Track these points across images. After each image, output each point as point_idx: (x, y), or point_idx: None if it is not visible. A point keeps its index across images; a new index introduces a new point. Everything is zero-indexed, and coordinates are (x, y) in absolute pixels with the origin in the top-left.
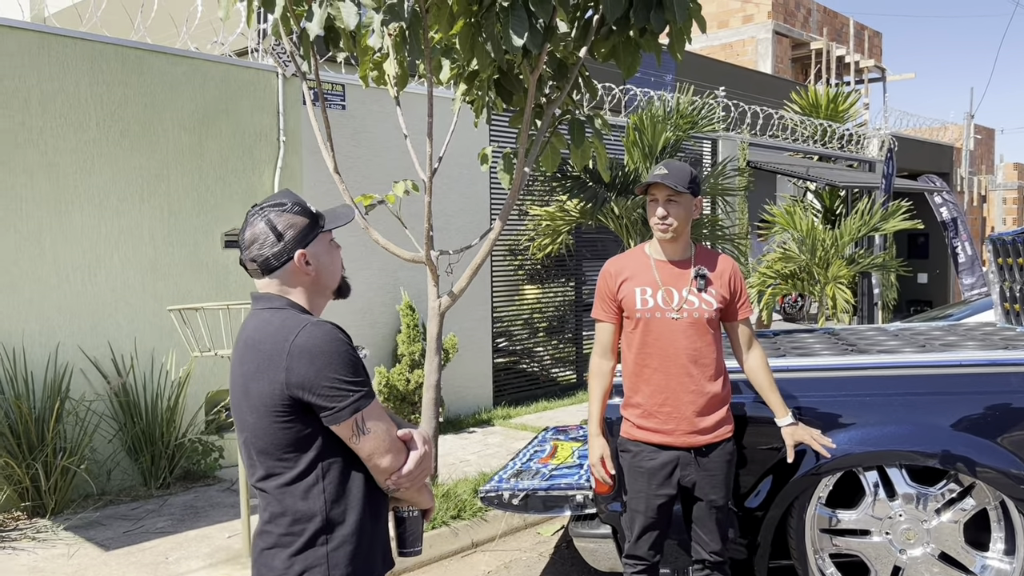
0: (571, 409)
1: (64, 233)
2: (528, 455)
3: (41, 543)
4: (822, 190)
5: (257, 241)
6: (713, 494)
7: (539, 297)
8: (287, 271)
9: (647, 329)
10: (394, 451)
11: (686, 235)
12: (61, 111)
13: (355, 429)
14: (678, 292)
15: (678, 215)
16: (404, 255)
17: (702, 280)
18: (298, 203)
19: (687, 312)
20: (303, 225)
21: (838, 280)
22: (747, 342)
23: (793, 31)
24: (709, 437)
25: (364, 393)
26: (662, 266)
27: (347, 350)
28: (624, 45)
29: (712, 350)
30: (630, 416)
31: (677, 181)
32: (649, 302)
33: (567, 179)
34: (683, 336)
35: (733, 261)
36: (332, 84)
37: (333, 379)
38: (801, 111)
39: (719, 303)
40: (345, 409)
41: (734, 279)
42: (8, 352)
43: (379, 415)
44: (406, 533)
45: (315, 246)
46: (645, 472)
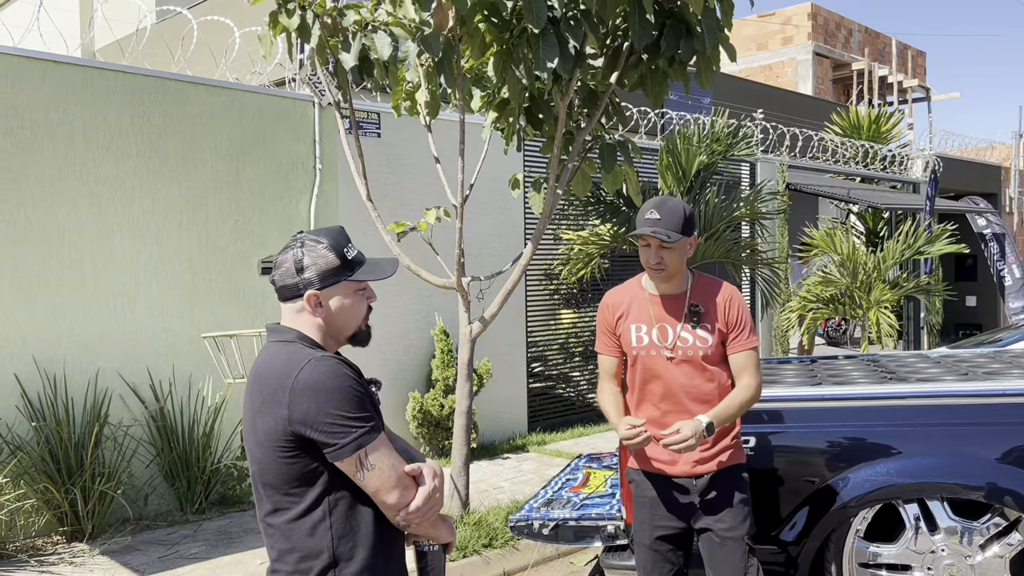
0: (607, 435)
1: (104, 261)
2: (560, 483)
3: (78, 568)
4: (864, 212)
5: (281, 268)
6: (722, 523)
7: (575, 321)
8: (299, 304)
9: (643, 367)
10: (401, 487)
11: (682, 271)
12: (103, 142)
13: (358, 465)
14: (672, 329)
15: (672, 261)
16: (436, 281)
17: (696, 317)
18: (335, 243)
19: (681, 351)
20: (328, 267)
21: (881, 304)
22: (738, 373)
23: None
24: (712, 465)
25: (368, 428)
26: (656, 301)
27: (351, 385)
28: (652, 74)
29: (712, 386)
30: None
31: (669, 228)
32: (644, 340)
33: (600, 204)
34: (680, 374)
35: (733, 290)
36: (367, 112)
37: (335, 415)
38: (842, 132)
39: (716, 338)
40: (348, 446)
41: (730, 310)
42: (49, 378)
43: (385, 450)
44: (427, 567)
45: (335, 291)
46: (648, 502)
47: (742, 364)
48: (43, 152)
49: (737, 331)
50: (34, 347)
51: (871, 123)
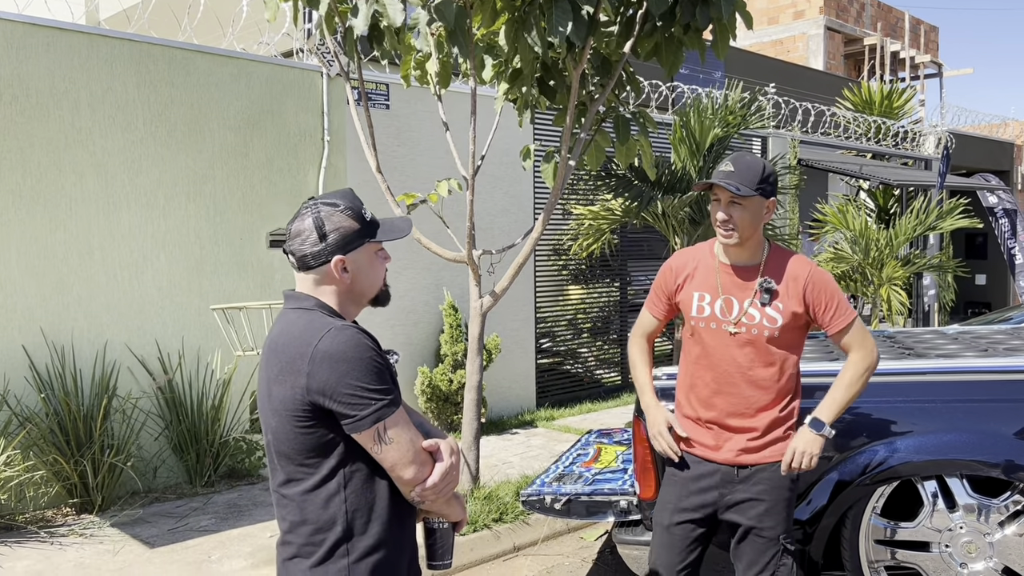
0: (615, 411)
1: (112, 232)
2: (571, 458)
3: (88, 539)
4: (876, 189)
5: (300, 236)
6: (760, 522)
7: (583, 297)
8: (322, 272)
9: (701, 340)
10: (418, 463)
11: (756, 238)
12: (109, 112)
13: (376, 439)
14: (739, 303)
15: (742, 220)
16: (446, 255)
17: (767, 294)
18: (353, 207)
19: (746, 327)
20: (351, 231)
21: (892, 281)
22: (847, 349)
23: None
24: (757, 456)
25: (387, 401)
26: (725, 271)
27: (371, 356)
28: (667, 42)
29: (774, 372)
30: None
31: (742, 182)
32: (705, 310)
33: (612, 177)
34: (739, 353)
35: (813, 266)
36: (376, 83)
37: (355, 386)
38: (854, 108)
39: (786, 319)
40: (367, 418)
41: (813, 289)
42: (57, 350)
43: (403, 424)
44: (436, 545)
45: (358, 254)
46: (679, 481)
47: (848, 340)
48: (49, 121)
49: (831, 311)
50: (42, 319)
51: (883, 99)
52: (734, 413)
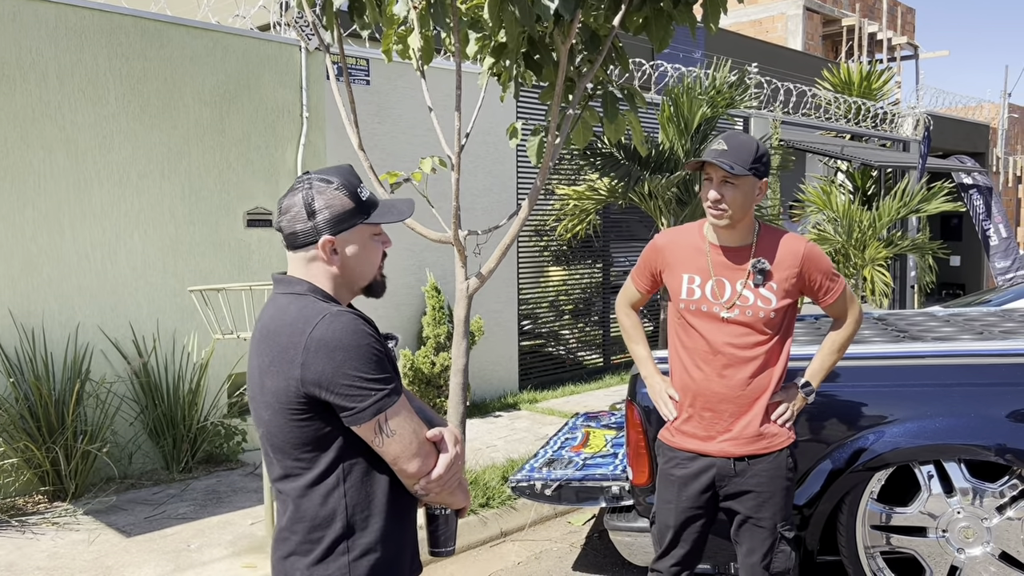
0: (598, 393)
1: (83, 211)
2: (559, 443)
3: (61, 528)
4: (855, 170)
5: (289, 212)
6: (757, 512)
7: (565, 279)
8: (311, 253)
9: (692, 324)
10: (422, 455)
11: (748, 220)
12: (79, 85)
13: (377, 431)
14: (731, 285)
15: (734, 200)
16: (431, 235)
17: (760, 275)
18: (348, 183)
19: (739, 309)
20: (343, 210)
21: (876, 262)
22: (838, 317)
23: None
24: (753, 447)
25: (388, 391)
26: (716, 252)
27: (370, 343)
28: (657, 16)
29: (768, 355)
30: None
31: (736, 161)
32: (696, 292)
33: (598, 156)
34: (731, 335)
35: (807, 243)
36: (356, 59)
37: (353, 376)
38: (833, 88)
39: (781, 299)
40: (367, 410)
41: (807, 266)
42: (27, 333)
43: (406, 415)
44: (438, 531)
45: (350, 235)
46: (676, 481)
47: (841, 307)
48: (15, 95)
49: (826, 285)
50: (10, 300)
51: (862, 80)
52: (728, 399)
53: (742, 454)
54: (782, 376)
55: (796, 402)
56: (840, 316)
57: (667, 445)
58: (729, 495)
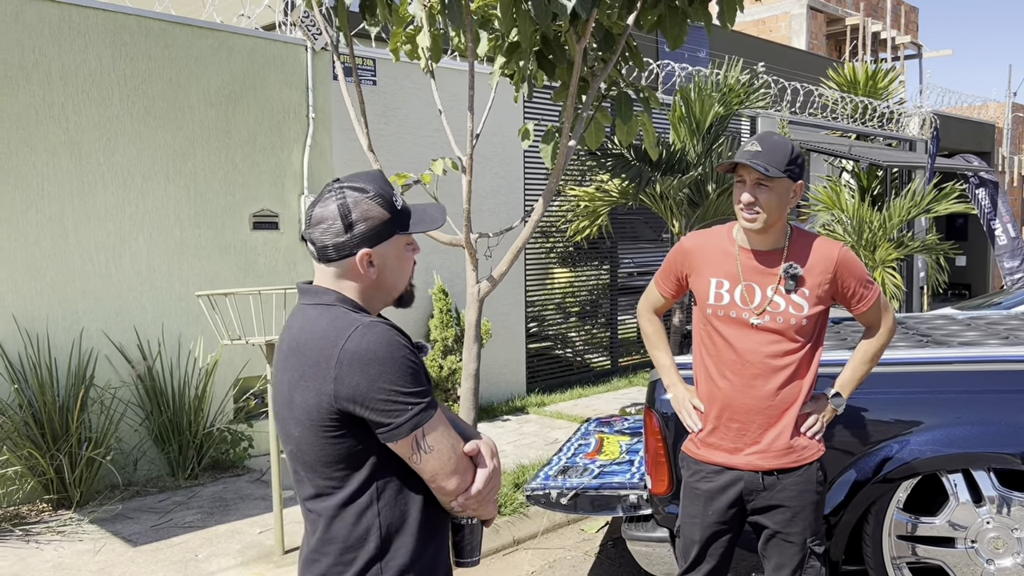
0: (606, 396)
1: (87, 213)
2: (572, 449)
3: (66, 537)
4: (862, 170)
5: (323, 224)
6: (786, 527)
7: (572, 281)
8: (345, 266)
9: (719, 330)
10: (460, 471)
11: (780, 223)
12: (83, 86)
13: (415, 447)
14: (761, 290)
15: (768, 203)
16: (441, 238)
17: (792, 281)
18: (383, 193)
19: (770, 316)
20: (380, 221)
21: (886, 264)
22: (870, 326)
23: (828, 6)
24: (783, 460)
25: (424, 405)
26: (747, 256)
27: (404, 355)
28: (672, 14)
29: (799, 364)
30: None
31: (770, 162)
32: (724, 298)
33: (609, 157)
34: (762, 344)
35: (841, 247)
36: (363, 59)
37: (389, 391)
38: (838, 88)
39: (813, 305)
40: (404, 425)
41: (841, 272)
42: (32, 338)
43: (443, 429)
44: (464, 542)
45: (386, 247)
46: (702, 495)
47: (874, 315)
48: (18, 96)
49: (859, 292)
50: (13, 305)
51: (868, 79)
52: (756, 411)
53: (771, 468)
54: (812, 386)
55: (825, 413)
56: (873, 324)
57: (692, 458)
58: (757, 509)
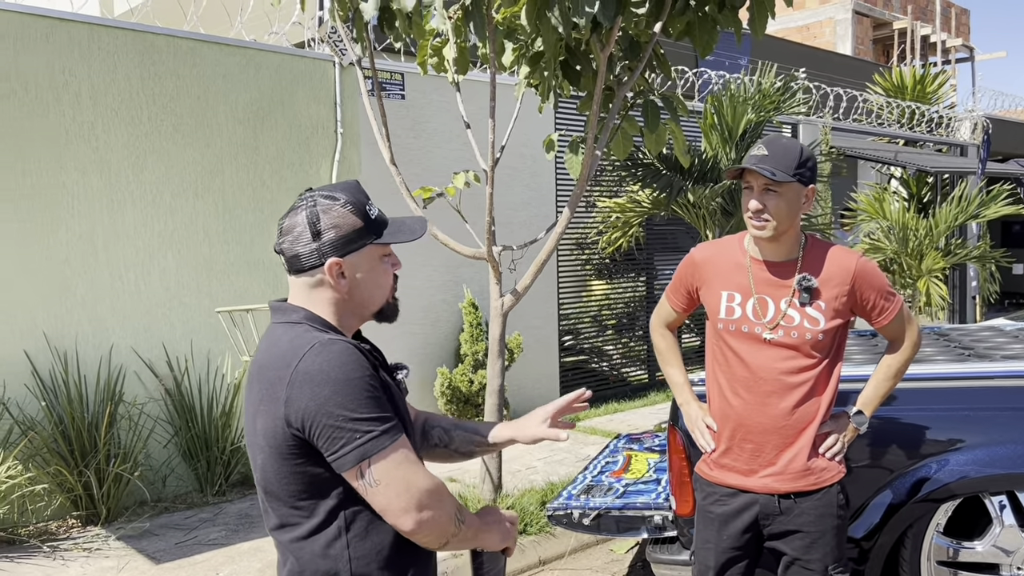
0: (643, 411)
1: (117, 231)
2: (599, 467)
3: (92, 554)
4: (910, 176)
5: (291, 233)
6: (806, 554)
7: (608, 293)
8: (316, 277)
9: (731, 346)
10: (417, 508)
11: (793, 232)
12: (112, 105)
13: (358, 478)
14: (775, 303)
15: (778, 210)
16: (465, 251)
17: (807, 293)
18: (356, 201)
19: (784, 330)
20: (350, 229)
21: (932, 273)
22: (893, 340)
23: (875, 10)
24: (800, 483)
25: (377, 433)
26: (758, 267)
27: (362, 376)
28: (701, 21)
29: (815, 381)
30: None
31: (778, 166)
32: (736, 311)
33: (639, 167)
34: (776, 360)
35: (859, 257)
36: (391, 73)
37: (337, 415)
38: (885, 93)
39: (830, 319)
40: (349, 454)
41: (859, 283)
42: (60, 355)
43: (398, 460)
44: (483, 570)
45: (358, 257)
46: (716, 519)
47: (897, 329)
48: (48, 116)
49: (880, 304)
50: (44, 322)
51: (916, 84)
52: (771, 430)
53: (787, 491)
54: (831, 404)
55: (847, 433)
56: (896, 338)
57: (705, 479)
58: (774, 535)
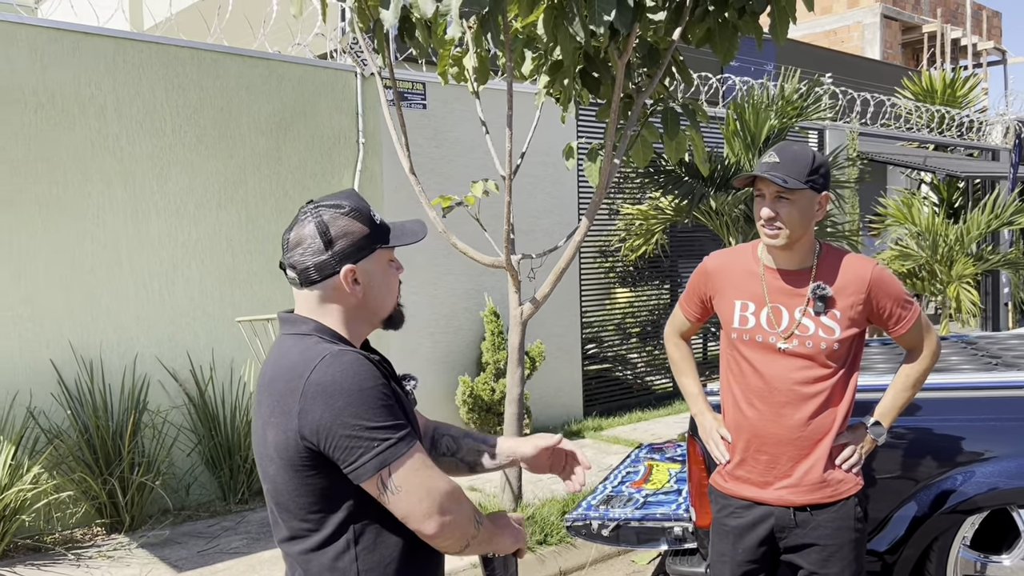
0: (667, 420)
1: (141, 241)
2: (619, 477)
3: (115, 562)
4: (940, 182)
5: (301, 245)
6: (823, 568)
7: (632, 300)
8: (329, 287)
9: (745, 356)
10: (439, 512)
11: (807, 239)
12: (137, 117)
13: (380, 487)
14: (788, 312)
15: (791, 217)
16: (483, 260)
17: (821, 302)
18: (359, 208)
19: (798, 340)
20: (360, 235)
21: (963, 279)
22: (910, 349)
23: (903, 14)
24: (816, 495)
25: (393, 441)
26: (772, 276)
27: (375, 386)
28: (721, 28)
29: (831, 391)
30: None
31: (789, 173)
32: (749, 321)
33: (660, 174)
34: (791, 370)
35: (875, 265)
36: (413, 83)
37: (354, 425)
38: (914, 97)
39: (845, 328)
40: (369, 463)
41: (875, 292)
42: (86, 364)
43: (417, 466)
44: (495, 573)
45: (369, 263)
46: (731, 532)
47: (915, 338)
48: (75, 128)
49: (896, 313)
50: (70, 332)
51: (946, 87)
52: (786, 441)
53: (803, 503)
54: (847, 415)
55: (864, 444)
56: (914, 347)
57: (720, 492)
58: (790, 548)
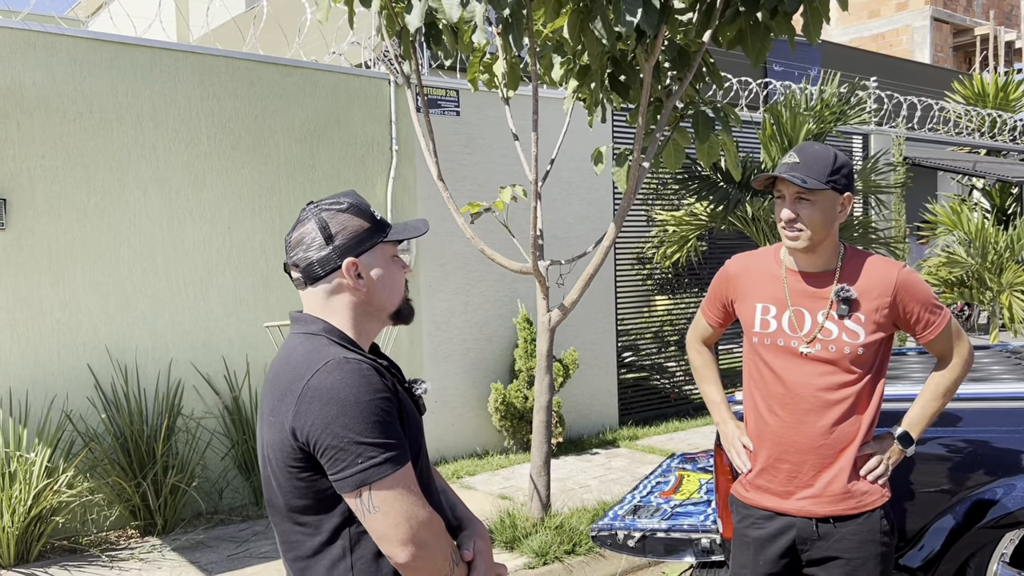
0: (704, 430)
1: (176, 248)
2: (649, 487)
3: (147, 564)
4: (992, 187)
5: (303, 243)
6: None
7: (669, 308)
8: (333, 282)
9: (767, 361)
10: (414, 543)
11: (830, 241)
12: (173, 126)
13: (358, 503)
14: (811, 316)
15: (812, 219)
16: (512, 266)
17: (845, 305)
18: (358, 204)
19: (821, 344)
20: (359, 230)
21: (1014, 287)
22: (941, 357)
23: (954, 16)
24: (839, 507)
25: (382, 459)
26: (794, 279)
27: (372, 399)
28: (752, 29)
29: (856, 398)
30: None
31: (809, 174)
32: (771, 324)
33: (694, 180)
34: (814, 376)
35: (901, 268)
36: (446, 90)
37: (341, 436)
38: (965, 101)
39: (870, 333)
40: (351, 477)
41: (901, 295)
42: (121, 368)
43: (400, 490)
44: None
45: (371, 257)
46: (752, 543)
47: (945, 345)
48: (112, 137)
49: (925, 317)
50: (106, 337)
51: (998, 91)
52: (808, 450)
53: (826, 514)
54: (873, 423)
55: (891, 455)
56: (944, 355)
57: (741, 502)
58: (813, 561)
